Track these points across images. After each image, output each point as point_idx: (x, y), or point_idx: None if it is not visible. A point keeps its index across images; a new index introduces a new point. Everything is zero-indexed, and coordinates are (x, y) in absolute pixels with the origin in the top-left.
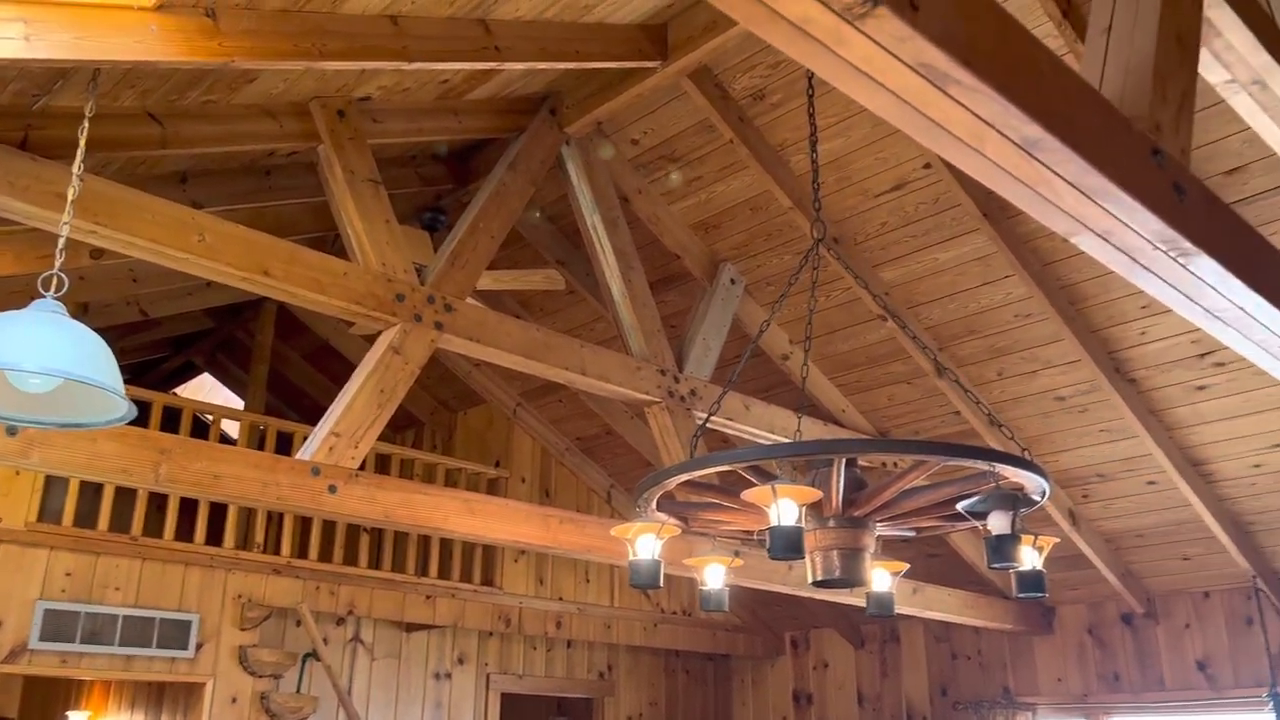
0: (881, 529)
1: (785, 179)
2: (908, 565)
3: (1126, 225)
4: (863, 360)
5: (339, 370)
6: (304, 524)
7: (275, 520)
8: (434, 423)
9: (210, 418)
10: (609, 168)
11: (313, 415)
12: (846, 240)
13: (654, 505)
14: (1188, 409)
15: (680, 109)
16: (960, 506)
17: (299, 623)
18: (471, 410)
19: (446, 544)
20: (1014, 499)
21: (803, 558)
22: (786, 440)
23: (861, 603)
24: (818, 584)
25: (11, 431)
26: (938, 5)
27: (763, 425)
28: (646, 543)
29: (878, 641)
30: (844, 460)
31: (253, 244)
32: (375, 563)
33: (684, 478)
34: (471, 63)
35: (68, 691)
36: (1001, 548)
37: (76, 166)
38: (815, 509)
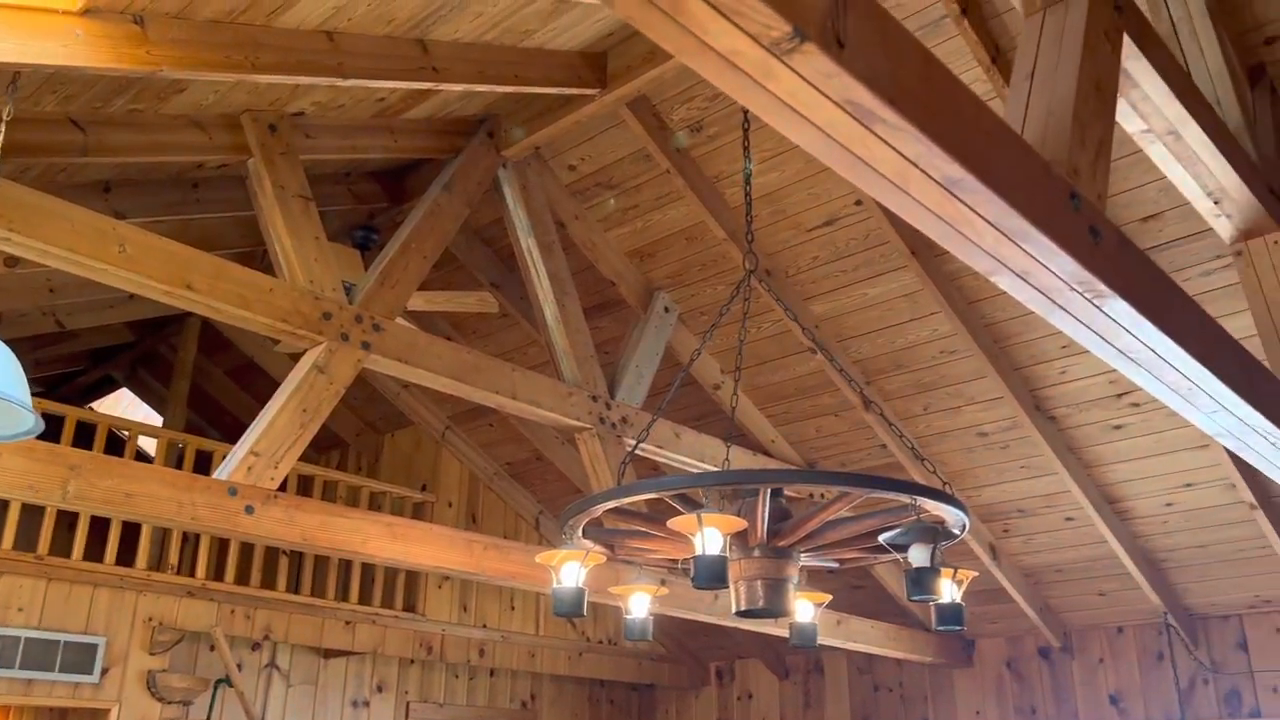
0: (805, 560)
1: (720, 210)
2: (830, 597)
3: (1044, 266)
4: (792, 391)
5: (263, 388)
6: (221, 545)
7: (191, 541)
8: (359, 444)
9: (126, 434)
10: (546, 192)
11: (235, 434)
12: (779, 273)
13: (580, 532)
14: (1105, 447)
15: (618, 137)
16: (882, 539)
17: (212, 647)
18: (399, 432)
19: (368, 568)
20: (934, 532)
21: (726, 587)
22: (715, 469)
23: (786, 633)
24: (741, 614)
25: None
26: (864, 44)
27: (693, 454)
28: (571, 570)
29: (802, 672)
30: (769, 490)
31: (176, 257)
32: (294, 586)
33: (610, 505)
34: (408, 82)
35: None
36: (921, 580)
37: None
38: (740, 539)
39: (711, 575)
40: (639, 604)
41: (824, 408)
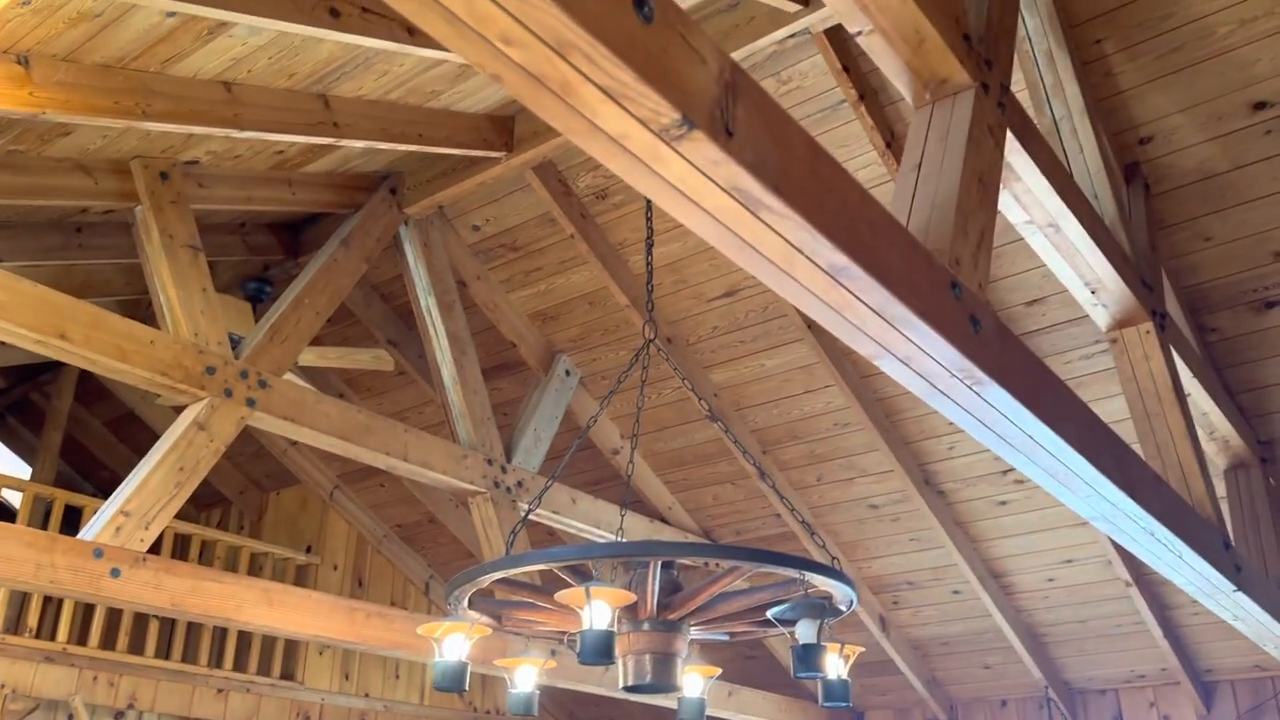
0: (696, 633)
1: (623, 277)
2: (719, 670)
3: (925, 353)
4: (690, 459)
5: (144, 441)
6: (85, 607)
7: (53, 603)
8: (242, 502)
9: None
10: (449, 251)
11: (111, 489)
12: (679, 340)
13: (466, 602)
14: (990, 522)
15: (523, 200)
16: (770, 614)
17: (70, 717)
18: (285, 490)
19: (244, 634)
20: (821, 608)
21: (613, 663)
22: (610, 537)
23: (674, 705)
24: (629, 689)
25: None
26: (752, 133)
27: (589, 520)
28: (454, 643)
29: None
30: (659, 563)
31: (49, 304)
32: (164, 652)
33: (497, 576)
34: (308, 136)
35: None
36: (808, 657)
37: None
38: (630, 611)
39: (598, 651)
40: (525, 677)
41: (721, 475)
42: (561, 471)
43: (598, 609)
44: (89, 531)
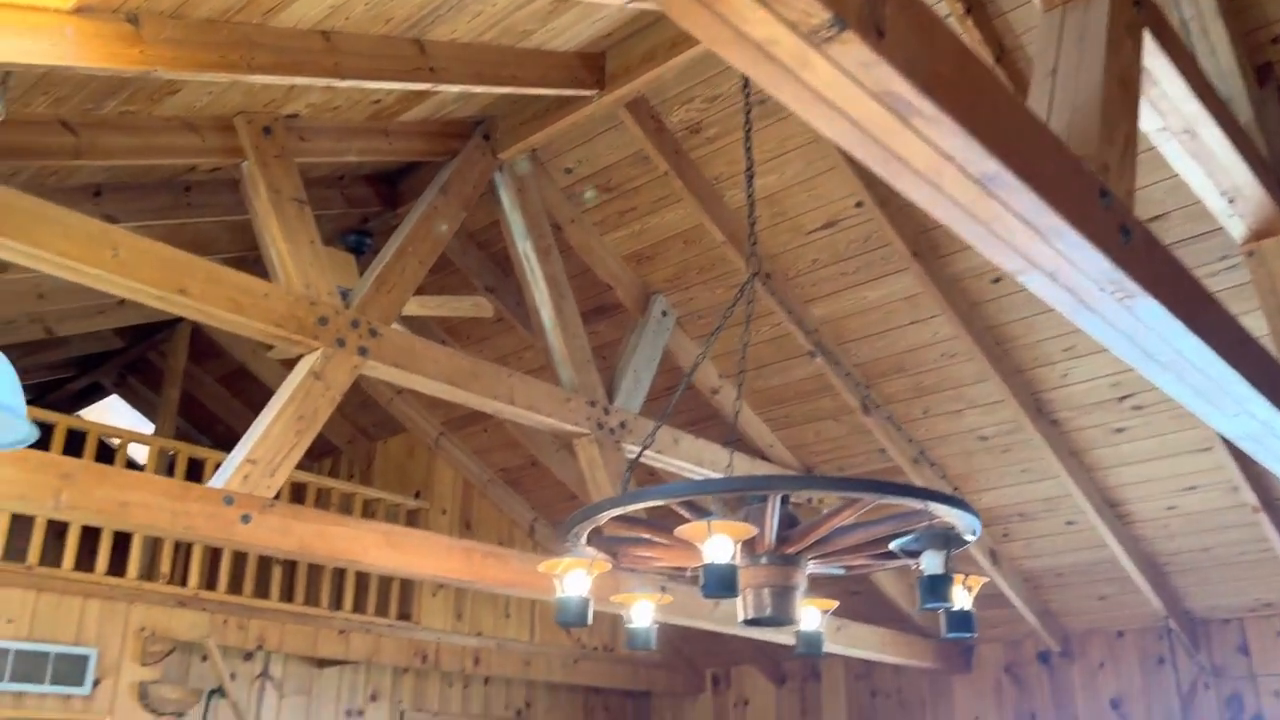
0: (813, 566)
1: (719, 213)
2: (836, 603)
3: (1074, 265)
4: (791, 396)
5: (255, 395)
6: (213, 554)
7: (182, 550)
8: (352, 451)
9: (117, 442)
10: (543, 195)
11: (226, 442)
12: (778, 275)
13: (584, 540)
14: (1107, 450)
15: (616, 139)
16: (893, 545)
17: (205, 658)
18: (391, 439)
19: (362, 577)
20: (947, 538)
21: (736, 596)
22: (715, 475)
23: (785, 640)
24: (748, 623)
25: None
26: (903, 33)
27: (692, 459)
28: (575, 579)
29: (798, 679)
30: (779, 497)
31: (169, 261)
32: (288, 595)
33: (616, 513)
34: (405, 83)
35: None
36: (935, 588)
37: None
38: (747, 546)
39: (721, 584)
40: (642, 613)
41: (822, 412)
42: (669, 413)
43: (719, 542)
44: (218, 480)
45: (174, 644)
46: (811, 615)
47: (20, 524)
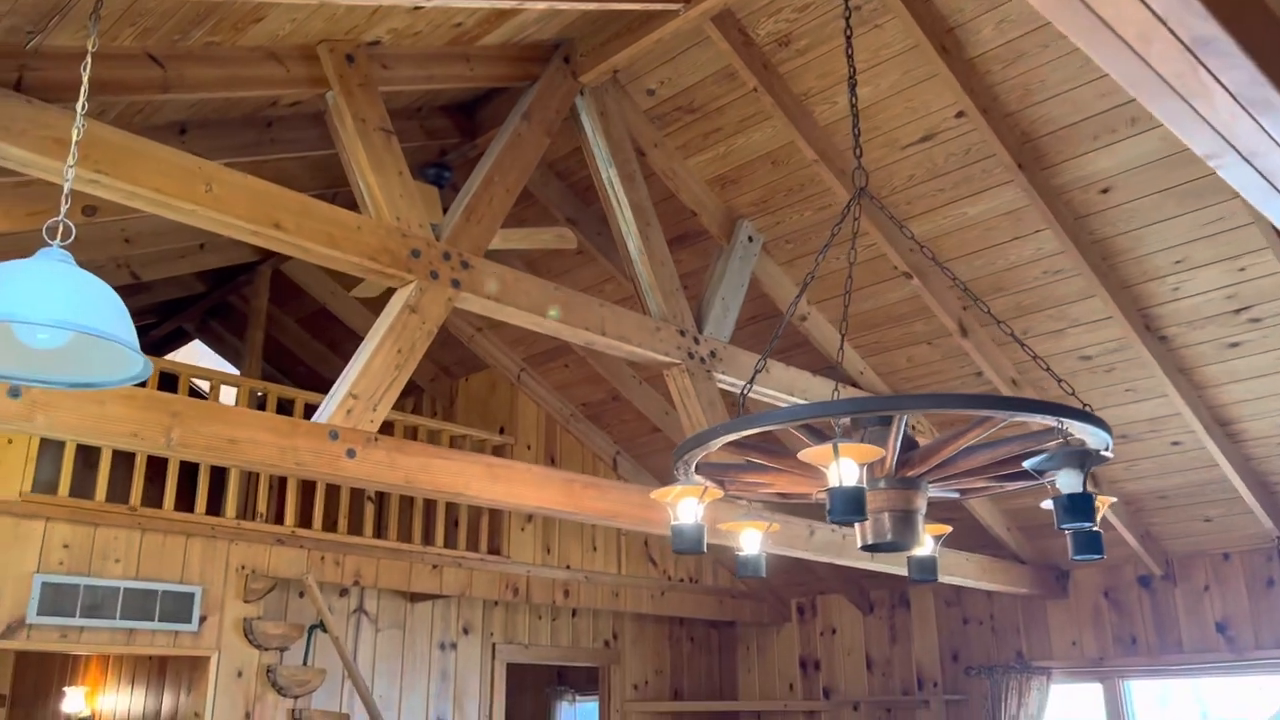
0: (933, 490)
1: (810, 130)
2: (950, 528)
3: (1277, 145)
4: (883, 320)
5: (336, 335)
6: (307, 492)
7: (277, 489)
8: (434, 389)
9: (207, 385)
10: (625, 119)
11: (308, 384)
12: (872, 192)
13: (693, 468)
14: (1219, 367)
15: (700, 56)
16: (1028, 464)
17: (302, 594)
18: (473, 376)
19: (452, 512)
20: (1084, 456)
21: (865, 519)
22: (825, 400)
23: (879, 568)
24: (868, 548)
25: (14, 393)
26: None
27: (783, 387)
28: (689, 506)
29: (887, 607)
30: (904, 417)
31: (262, 195)
32: (380, 532)
33: (732, 437)
34: (490, 2)
35: (63, 667)
36: (1075, 507)
37: (80, 105)
38: (867, 470)
39: (849, 507)
40: (751, 540)
41: (916, 336)
42: (776, 339)
43: (846, 465)
44: (321, 415)
45: (274, 581)
46: (926, 540)
47: (120, 467)
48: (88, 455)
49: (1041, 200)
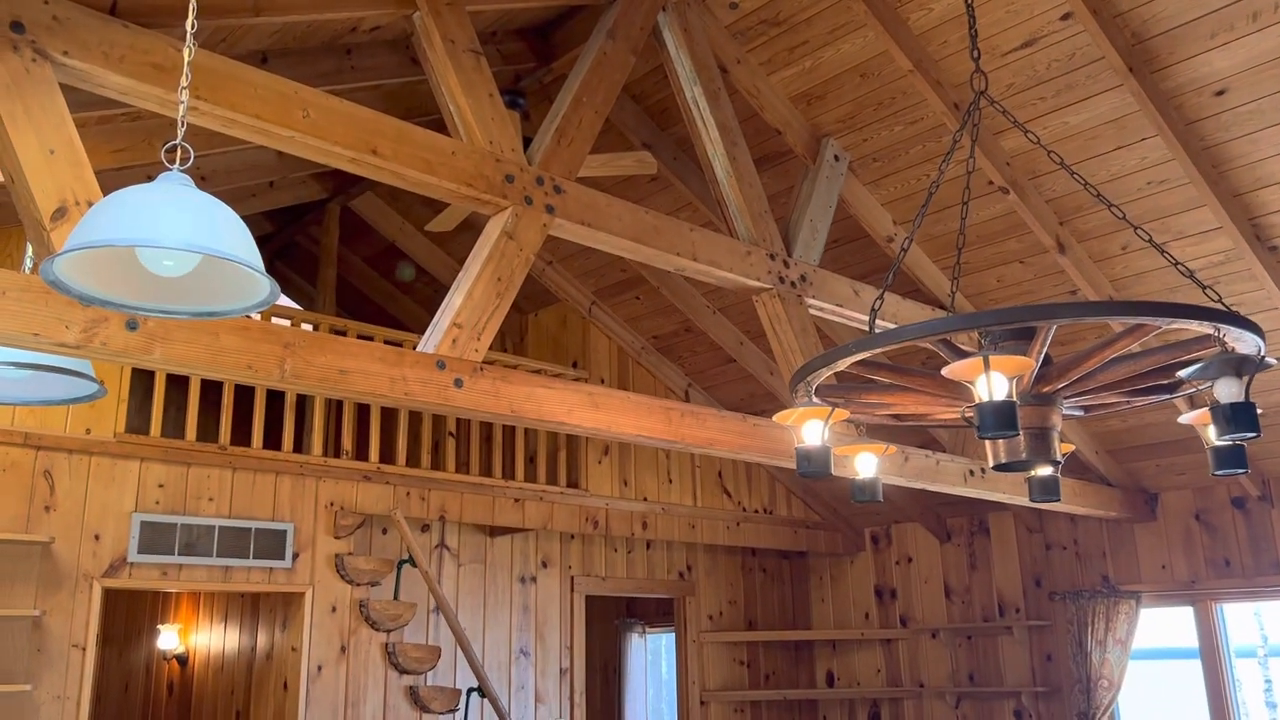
0: (1067, 407)
1: (904, 38)
2: (1074, 446)
3: None
4: (972, 239)
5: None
6: (388, 428)
7: (361, 426)
8: (504, 325)
9: (288, 323)
10: (708, 35)
11: (379, 321)
12: (965, 106)
13: (813, 390)
14: None
15: None
16: (1184, 374)
17: (385, 530)
18: (544, 310)
19: (530, 446)
20: (1243, 362)
21: (1017, 433)
22: (898, 325)
23: (952, 490)
24: (1000, 467)
25: (132, 325)
26: None
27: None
28: (815, 429)
29: (965, 534)
30: (1051, 328)
31: (359, 120)
32: (462, 467)
33: (863, 355)
34: None
35: (154, 605)
36: (1238, 416)
37: (190, 24)
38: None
39: (1001, 421)
40: (866, 463)
41: (1008, 254)
42: (896, 267)
43: (996, 379)
44: (427, 344)
45: (363, 517)
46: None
47: (208, 408)
48: (178, 396)
49: (1151, 105)
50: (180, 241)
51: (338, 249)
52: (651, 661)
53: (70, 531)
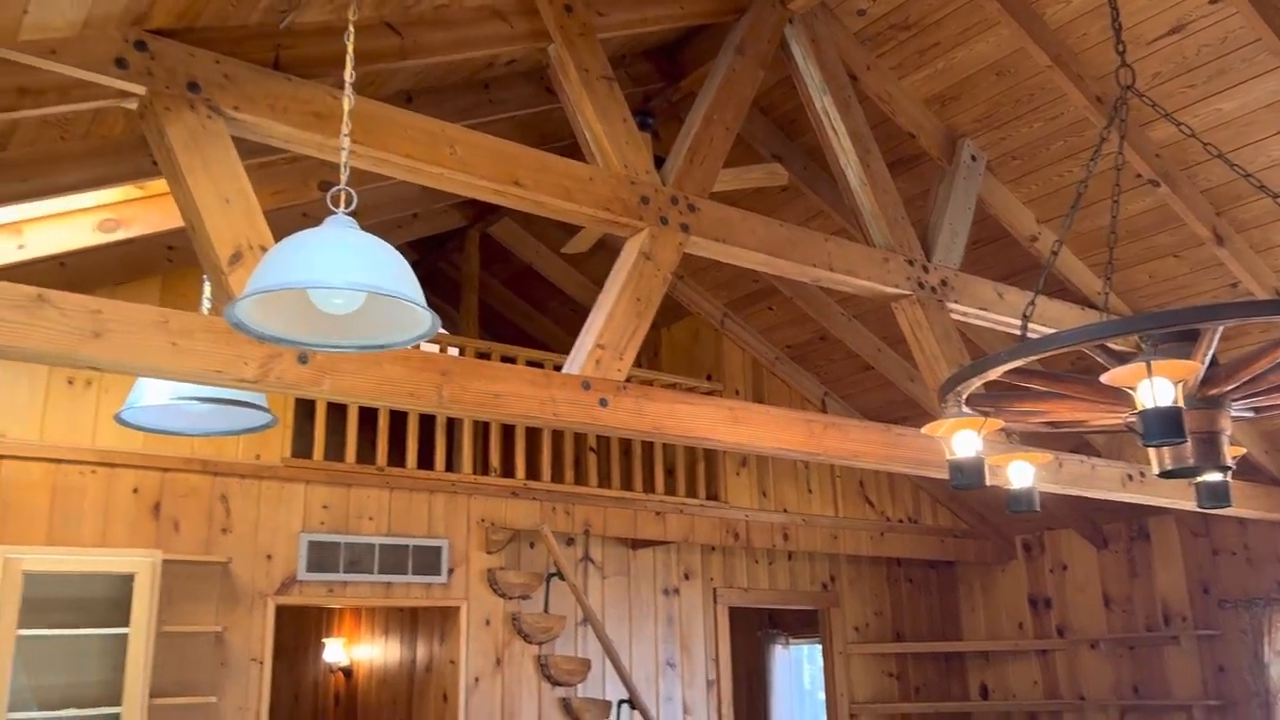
0: (1236, 409)
1: (1040, 34)
2: (1245, 449)
3: None
4: (1121, 234)
5: (540, 294)
6: (533, 446)
7: (507, 444)
8: None
9: (436, 349)
10: (836, 44)
11: (518, 341)
12: (1110, 98)
13: (964, 400)
14: None
15: None
16: None
17: (532, 544)
18: (676, 324)
19: (668, 459)
20: None
21: (1185, 440)
22: (1043, 331)
23: (1110, 496)
24: (1166, 475)
25: (303, 359)
26: None
27: (1018, 313)
28: (967, 439)
29: (1123, 540)
30: (1217, 330)
31: (502, 154)
32: (604, 482)
33: (1016, 364)
34: None
35: (318, 620)
36: None
37: (348, 74)
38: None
39: (1166, 428)
40: (1021, 473)
41: (1160, 248)
42: (1049, 267)
43: (1160, 384)
44: (572, 366)
45: (513, 532)
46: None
47: (365, 431)
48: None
49: None
50: (350, 282)
51: (478, 274)
52: (793, 672)
53: (245, 552)
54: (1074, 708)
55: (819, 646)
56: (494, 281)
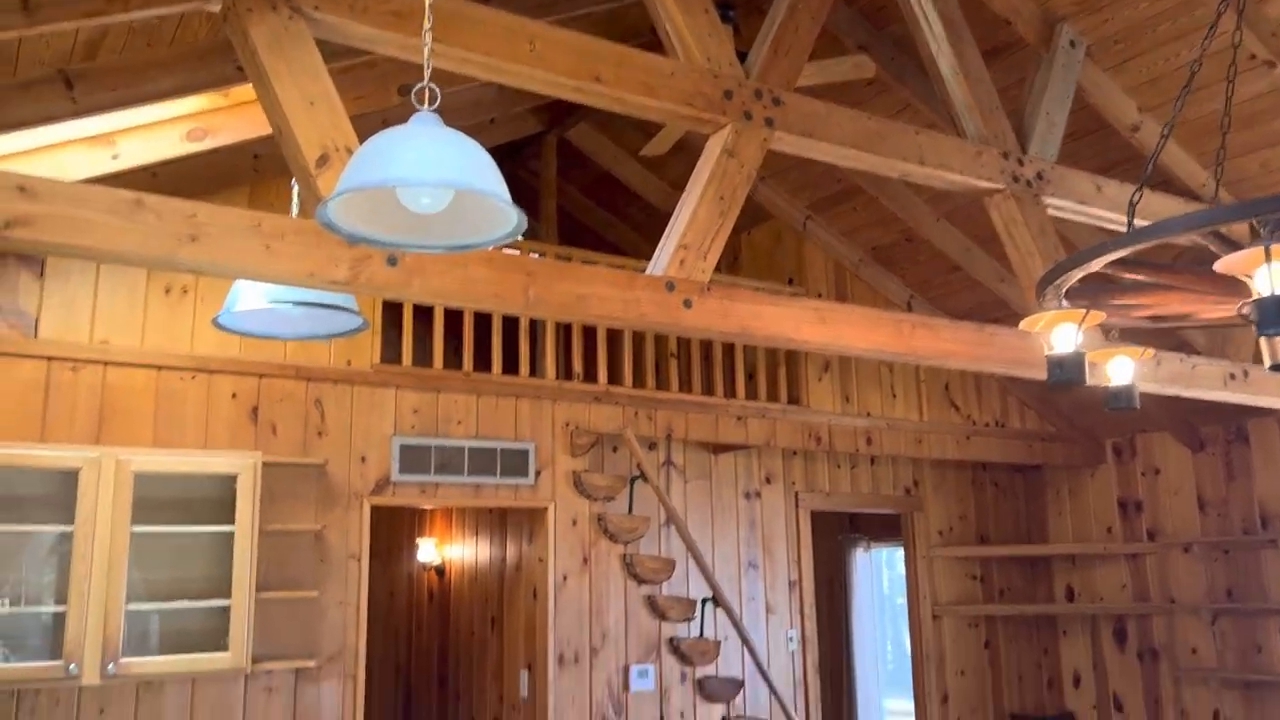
0: None
1: None
2: None
3: None
4: (1233, 120)
5: (619, 201)
6: (614, 351)
7: (589, 349)
8: None
9: (517, 254)
10: None
11: (597, 248)
12: None
13: (1063, 293)
14: None
15: None
16: None
17: (615, 448)
18: (755, 229)
19: (750, 364)
20: None
21: None
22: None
23: (1209, 395)
24: (1276, 368)
25: (392, 261)
26: None
27: (1117, 208)
28: (1066, 333)
29: (1220, 444)
30: None
31: (581, 49)
32: (685, 386)
33: (1121, 253)
34: None
35: (411, 521)
36: None
37: None
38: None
39: None
40: (1121, 369)
41: (1274, 136)
42: (1153, 160)
43: (1278, 270)
44: (656, 267)
45: (596, 436)
46: None
47: (450, 339)
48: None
49: None
50: (440, 179)
51: (555, 180)
52: (874, 576)
53: (340, 454)
54: (1164, 611)
55: (899, 551)
56: (571, 188)
